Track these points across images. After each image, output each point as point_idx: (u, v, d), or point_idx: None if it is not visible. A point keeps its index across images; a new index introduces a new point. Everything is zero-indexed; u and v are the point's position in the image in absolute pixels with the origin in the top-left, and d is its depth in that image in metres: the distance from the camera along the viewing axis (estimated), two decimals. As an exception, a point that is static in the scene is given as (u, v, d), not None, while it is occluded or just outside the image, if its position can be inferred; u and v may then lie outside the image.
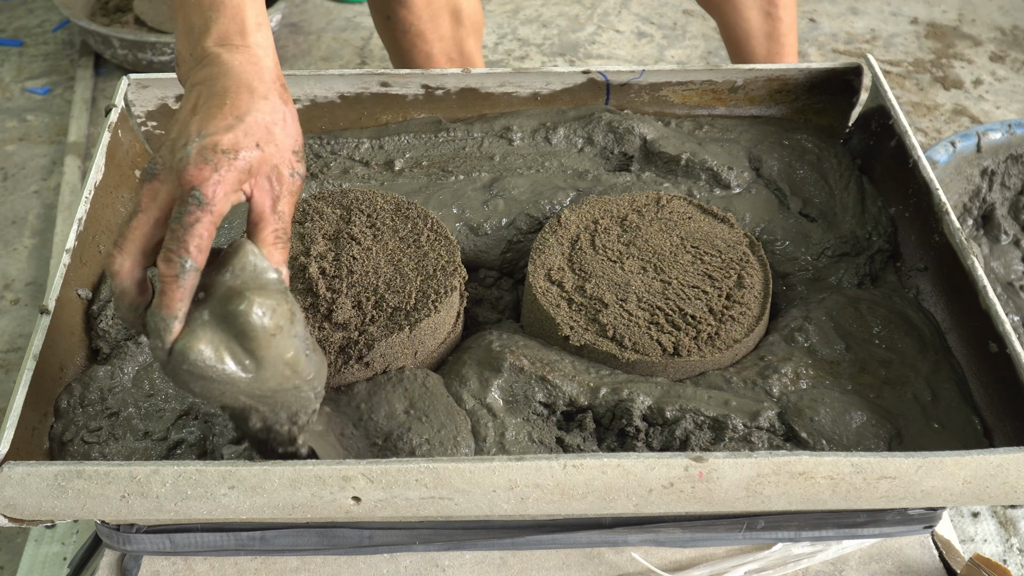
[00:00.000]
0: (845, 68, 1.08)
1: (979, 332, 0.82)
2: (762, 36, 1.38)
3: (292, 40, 2.03)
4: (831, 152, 1.04)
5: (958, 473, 0.68)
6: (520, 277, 0.96)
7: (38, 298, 1.44)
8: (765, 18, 1.37)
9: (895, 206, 0.99)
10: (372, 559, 0.83)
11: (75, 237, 0.86)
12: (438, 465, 0.67)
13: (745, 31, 1.39)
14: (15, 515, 0.68)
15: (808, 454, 0.68)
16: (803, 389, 0.82)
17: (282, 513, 0.68)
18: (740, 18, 1.38)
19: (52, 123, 1.79)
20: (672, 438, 0.79)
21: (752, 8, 1.36)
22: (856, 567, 0.84)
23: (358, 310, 0.82)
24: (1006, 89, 1.92)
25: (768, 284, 0.88)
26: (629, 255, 0.90)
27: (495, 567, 0.84)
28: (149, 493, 0.67)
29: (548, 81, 1.08)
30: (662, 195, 0.96)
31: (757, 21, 1.37)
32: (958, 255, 0.86)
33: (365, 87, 1.07)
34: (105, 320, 0.87)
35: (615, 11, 2.14)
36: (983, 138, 1.32)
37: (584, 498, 0.68)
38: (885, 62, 1.99)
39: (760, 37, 1.38)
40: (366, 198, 0.92)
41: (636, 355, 0.82)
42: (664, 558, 0.84)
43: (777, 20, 1.37)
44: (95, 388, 0.81)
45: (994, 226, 1.28)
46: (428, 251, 0.87)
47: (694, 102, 1.11)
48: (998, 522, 1.14)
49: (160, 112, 1.06)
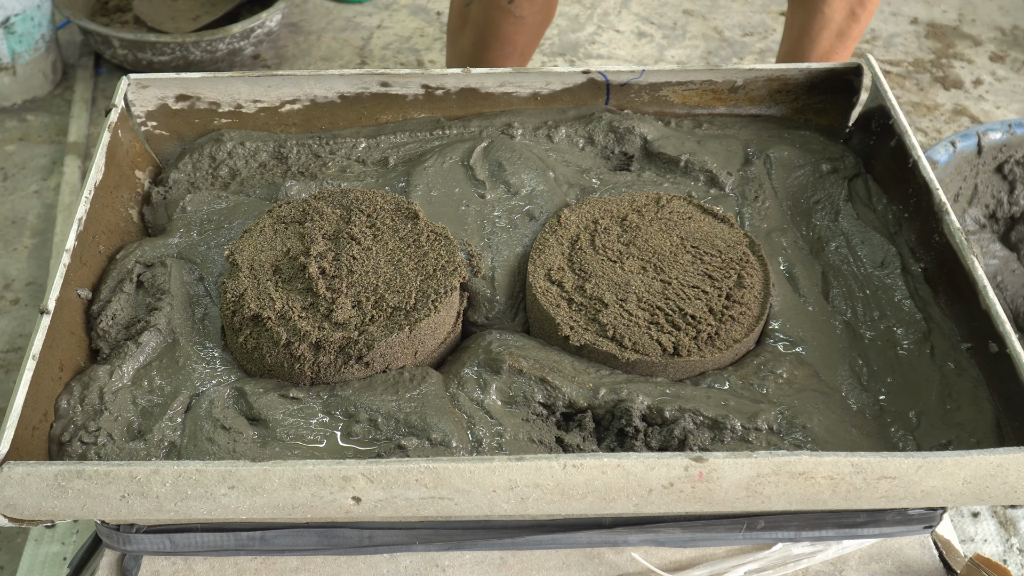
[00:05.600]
0: (845, 68, 1.08)
1: (979, 332, 0.82)
2: (835, 32, 1.38)
3: (292, 40, 2.03)
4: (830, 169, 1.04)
5: (958, 473, 0.68)
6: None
7: (38, 298, 1.44)
8: (848, 15, 1.37)
9: (895, 206, 0.99)
10: (372, 559, 0.83)
11: (75, 237, 0.86)
12: (438, 465, 0.67)
13: (823, 21, 1.38)
14: (15, 515, 0.68)
15: (808, 454, 0.68)
16: (802, 390, 0.82)
17: (282, 513, 0.68)
18: (828, 6, 1.37)
19: (52, 123, 1.79)
20: (671, 438, 0.79)
21: (842, 1, 1.36)
22: (856, 567, 0.84)
23: (358, 310, 0.82)
24: (1006, 89, 1.92)
25: (768, 284, 0.88)
26: (629, 255, 0.90)
27: (495, 567, 0.84)
28: (149, 493, 0.67)
29: (548, 81, 1.08)
30: (662, 195, 0.96)
31: (841, 15, 1.37)
32: (958, 255, 0.86)
33: (365, 87, 1.07)
34: (105, 320, 0.87)
35: (615, 11, 2.14)
36: (983, 138, 1.32)
37: (584, 498, 0.68)
38: (885, 62, 1.99)
39: (833, 32, 1.38)
40: (366, 198, 0.92)
41: (636, 355, 0.82)
42: (664, 558, 0.84)
43: (856, 21, 1.37)
44: (95, 388, 0.81)
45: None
46: (428, 251, 0.87)
47: (694, 102, 1.11)
48: (998, 522, 1.14)
49: (160, 112, 1.06)
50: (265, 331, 0.81)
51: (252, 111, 1.08)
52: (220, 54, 1.85)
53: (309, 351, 0.80)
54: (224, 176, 1.04)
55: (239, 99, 1.07)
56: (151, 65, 1.83)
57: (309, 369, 0.81)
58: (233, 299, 0.84)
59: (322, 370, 0.81)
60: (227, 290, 0.85)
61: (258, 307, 0.82)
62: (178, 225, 0.97)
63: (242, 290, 0.84)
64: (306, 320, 0.81)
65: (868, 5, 1.36)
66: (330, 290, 0.83)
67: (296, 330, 0.80)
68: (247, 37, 1.86)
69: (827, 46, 1.40)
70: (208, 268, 0.92)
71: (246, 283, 0.84)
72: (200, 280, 0.91)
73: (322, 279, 0.84)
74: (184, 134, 1.08)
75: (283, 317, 0.81)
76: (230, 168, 1.04)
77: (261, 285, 0.84)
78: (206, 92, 1.06)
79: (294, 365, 0.80)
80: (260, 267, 0.86)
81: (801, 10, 1.43)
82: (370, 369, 0.82)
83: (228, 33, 1.81)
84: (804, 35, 1.42)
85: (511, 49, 1.45)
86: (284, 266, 0.86)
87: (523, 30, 1.43)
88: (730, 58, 2.01)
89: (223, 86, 1.05)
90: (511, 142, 1.04)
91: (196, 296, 0.90)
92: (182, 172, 1.03)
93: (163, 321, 0.86)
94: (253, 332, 0.82)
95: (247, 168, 1.05)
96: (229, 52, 1.86)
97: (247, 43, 1.88)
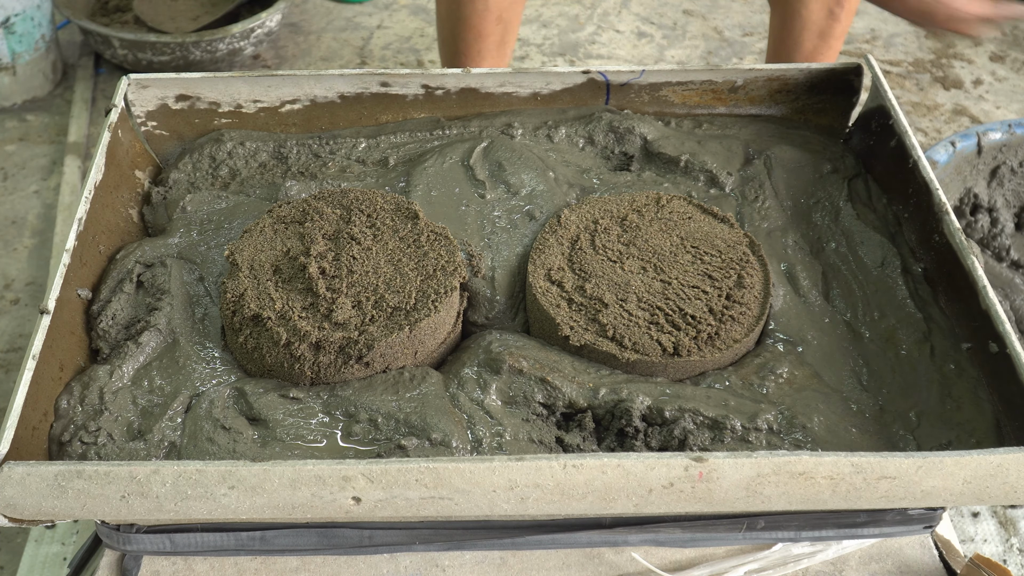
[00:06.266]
0: (845, 68, 1.08)
1: (979, 332, 0.82)
2: (816, 32, 1.38)
3: (292, 40, 2.03)
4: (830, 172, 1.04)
5: (958, 473, 0.68)
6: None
7: (38, 298, 1.44)
8: (827, 15, 1.37)
9: (895, 206, 0.99)
10: (372, 559, 0.83)
11: (75, 237, 0.86)
12: (438, 465, 0.67)
13: (803, 22, 1.38)
14: (15, 515, 0.68)
15: (808, 454, 0.68)
16: (802, 390, 0.82)
17: (282, 513, 0.68)
18: (804, 7, 1.37)
19: (52, 123, 1.79)
20: (671, 438, 0.79)
21: (818, 1, 1.36)
22: (856, 567, 0.84)
23: (358, 310, 0.82)
24: (1006, 89, 1.92)
25: (768, 284, 0.88)
26: (629, 255, 0.90)
27: (495, 567, 0.84)
28: (149, 493, 0.67)
29: (548, 81, 1.08)
30: (662, 195, 0.96)
31: (819, 15, 1.37)
32: (958, 255, 0.86)
33: (365, 87, 1.07)
34: (105, 320, 0.87)
35: (615, 11, 2.14)
36: (983, 138, 1.32)
37: (584, 498, 0.68)
38: (885, 62, 1.99)
39: (814, 32, 1.38)
40: (366, 198, 0.92)
41: (636, 355, 0.82)
42: (664, 558, 0.84)
43: (836, 21, 1.37)
44: (95, 388, 0.81)
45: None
46: (428, 251, 0.87)
47: (694, 102, 1.11)
48: (998, 522, 1.14)
49: (160, 112, 1.06)
50: (265, 331, 0.81)
51: (252, 111, 1.08)
52: (220, 54, 1.85)
53: (309, 351, 0.80)
54: (224, 176, 1.04)
55: (239, 99, 1.07)
56: (151, 65, 1.83)
57: (309, 369, 0.81)
58: (233, 299, 0.84)
59: (322, 370, 0.81)
60: (227, 290, 0.85)
61: (258, 307, 0.82)
62: (178, 225, 0.97)
63: (242, 290, 0.84)
64: (306, 320, 0.81)
65: (847, 4, 1.36)
66: (330, 290, 0.83)
67: (296, 330, 0.80)
68: (247, 37, 1.86)
69: (810, 47, 1.40)
70: (208, 268, 0.92)
71: (246, 283, 0.84)
72: (200, 280, 0.91)
73: (322, 279, 0.84)
74: (184, 134, 1.08)
75: (283, 317, 0.81)
76: (230, 168, 1.04)
77: (261, 285, 0.84)
78: (206, 92, 1.06)
79: (294, 365, 0.80)
80: (260, 267, 0.86)
81: (780, 13, 1.43)
82: (370, 369, 0.82)
83: (228, 33, 1.81)
84: (786, 37, 1.42)
85: (475, 34, 1.40)
86: (284, 266, 0.86)
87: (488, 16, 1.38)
88: (730, 58, 2.01)
89: (223, 86, 1.06)
90: (511, 142, 1.04)
91: (196, 296, 0.90)
92: (182, 172, 1.03)
93: (163, 321, 0.86)
94: (253, 332, 0.82)
95: (247, 168, 1.05)
96: (229, 52, 1.86)
97: (247, 43, 1.88)
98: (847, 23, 1.38)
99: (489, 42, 1.41)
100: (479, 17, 1.37)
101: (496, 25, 1.39)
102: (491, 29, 1.39)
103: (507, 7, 1.38)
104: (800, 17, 1.38)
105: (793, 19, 1.39)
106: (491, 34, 1.39)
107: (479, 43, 1.40)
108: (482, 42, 1.40)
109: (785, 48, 1.43)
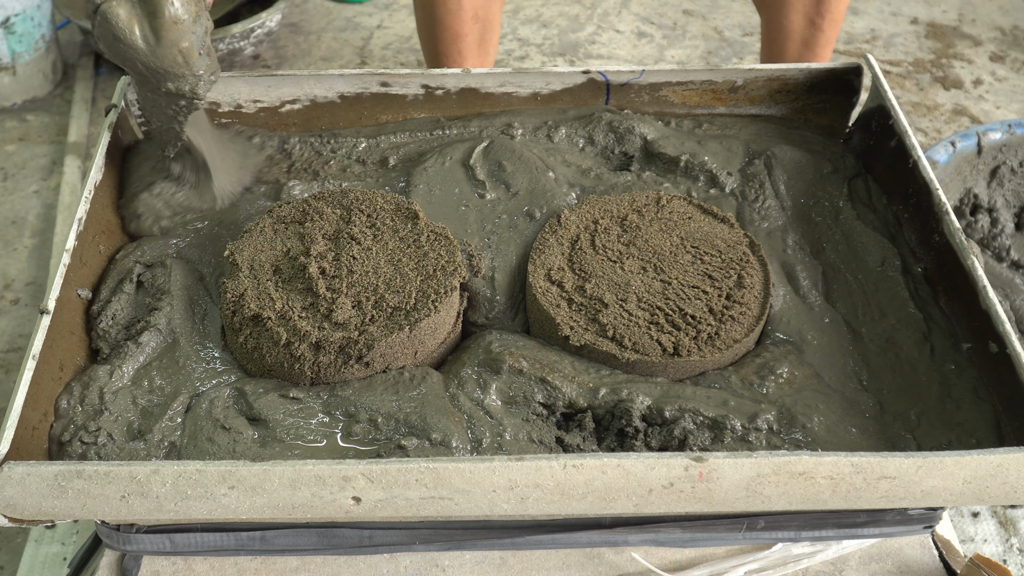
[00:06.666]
0: (845, 68, 1.08)
1: (979, 332, 0.82)
2: (799, 40, 1.40)
3: (292, 40, 2.03)
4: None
5: (958, 473, 0.68)
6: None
7: (38, 298, 1.44)
8: (808, 24, 1.38)
9: (895, 206, 0.99)
10: (372, 559, 0.83)
11: (75, 237, 0.86)
12: (438, 465, 0.67)
13: (786, 31, 1.40)
14: (15, 515, 0.68)
15: (808, 454, 0.68)
16: (802, 390, 0.82)
17: (282, 513, 0.68)
18: (785, 18, 1.39)
19: (52, 123, 1.79)
20: (671, 438, 0.79)
21: (798, 11, 1.37)
22: (856, 567, 0.84)
23: (358, 310, 0.82)
24: (1006, 89, 1.92)
25: (768, 284, 0.88)
26: (629, 255, 0.90)
27: (495, 567, 0.84)
28: (149, 493, 0.67)
29: (548, 81, 1.08)
30: (662, 195, 0.96)
31: (800, 24, 1.38)
32: (958, 255, 0.86)
33: (365, 87, 1.07)
34: (105, 320, 0.87)
35: (615, 11, 2.14)
36: (983, 138, 1.32)
37: (584, 498, 0.68)
38: (885, 62, 1.99)
39: (797, 41, 1.40)
40: (366, 198, 0.92)
41: (636, 355, 0.82)
42: (664, 558, 0.84)
43: (818, 30, 1.38)
44: (95, 388, 0.81)
45: None
46: (428, 251, 0.87)
47: (694, 102, 1.11)
48: (998, 522, 1.14)
49: (160, 112, 1.06)
50: (265, 331, 0.81)
51: (252, 111, 1.08)
52: (220, 54, 1.85)
53: (309, 351, 0.80)
54: (224, 176, 1.04)
55: (239, 99, 1.07)
56: (151, 65, 1.82)
57: (309, 369, 0.81)
58: (233, 299, 0.84)
59: (322, 370, 0.81)
60: (227, 290, 0.85)
61: (258, 307, 0.82)
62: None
63: (242, 290, 0.84)
64: (306, 320, 0.81)
65: (827, 13, 1.37)
66: (330, 290, 0.83)
67: (296, 330, 0.80)
68: (247, 37, 1.86)
69: (795, 55, 1.42)
70: (208, 268, 0.92)
71: (246, 283, 0.84)
72: (200, 280, 0.91)
73: (322, 279, 0.84)
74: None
75: (283, 317, 0.81)
76: (230, 168, 1.04)
77: (261, 285, 0.84)
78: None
79: (294, 365, 0.80)
80: (260, 267, 0.86)
81: (765, 22, 1.45)
82: (370, 369, 0.82)
83: (228, 33, 1.81)
84: (772, 45, 1.44)
85: (451, 35, 1.39)
86: (284, 266, 0.86)
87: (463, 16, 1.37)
88: (730, 58, 2.01)
89: (223, 86, 1.05)
90: (511, 142, 1.04)
91: (196, 296, 0.90)
92: (182, 172, 1.03)
93: (163, 321, 0.86)
94: (253, 332, 0.82)
95: (247, 168, 1.05)
96: (229, 52, 1.86)
97: (247, 43, 1.88)
98: (832, 33, 1.39)
99: (468, 41, 1.40)
100: (453, 17, 1.37)
101: (473, 24, 1.38)
102: (468, 28, 1.38)
103: (482, 5, 1.37)
104: (782, 28, 1.40)
105: (776, 29, 1.41)
106: (468, 33, 1.39)
107: (457, 43, 1.40)
108: (460, 42, 1.40)
109: (773, 56, 1.45)
